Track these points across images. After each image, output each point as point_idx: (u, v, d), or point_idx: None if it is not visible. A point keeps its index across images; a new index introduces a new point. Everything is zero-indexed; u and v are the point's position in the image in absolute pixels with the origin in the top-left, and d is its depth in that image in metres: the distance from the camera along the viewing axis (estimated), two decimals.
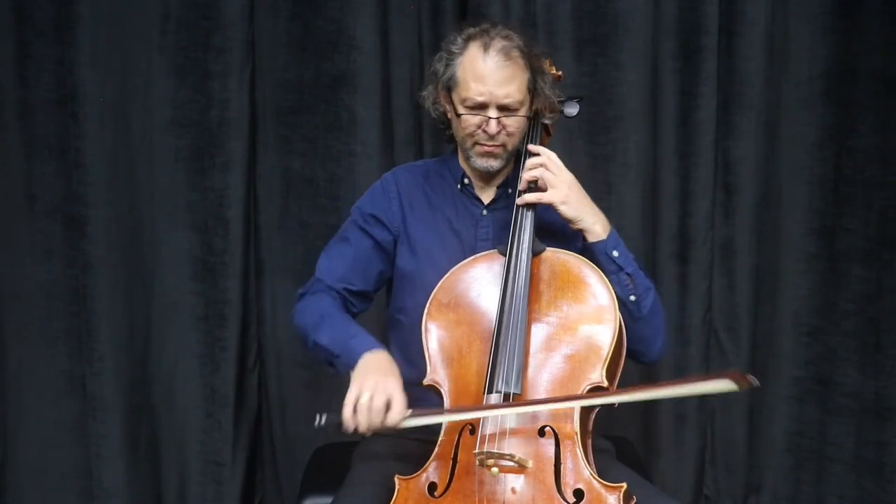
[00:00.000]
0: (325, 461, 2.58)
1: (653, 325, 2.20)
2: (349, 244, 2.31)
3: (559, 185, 2.15)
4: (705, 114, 3.01)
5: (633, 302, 2.16)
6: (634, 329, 2.15)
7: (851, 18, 2.91)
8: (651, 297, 2.19)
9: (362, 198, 2.38)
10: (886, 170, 2.88)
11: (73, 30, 2.89)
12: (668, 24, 2.99)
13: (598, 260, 2.16)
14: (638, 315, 2.16)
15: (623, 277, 2.15)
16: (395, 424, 1.96)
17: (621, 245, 2.18)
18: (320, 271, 2.30)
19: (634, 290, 2.16)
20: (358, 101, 2.98)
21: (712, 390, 1.93)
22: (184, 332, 3.06)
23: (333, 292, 2.26)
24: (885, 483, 2.93)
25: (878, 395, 2.93)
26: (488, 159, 2.23)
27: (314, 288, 2.28)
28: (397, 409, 1.96)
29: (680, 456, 3.17)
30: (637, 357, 2.21)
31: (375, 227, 2.31)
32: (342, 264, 2.29)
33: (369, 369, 2.01)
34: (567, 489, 1.93)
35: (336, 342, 2.12)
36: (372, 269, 2.31)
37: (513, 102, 2.17)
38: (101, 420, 3.02)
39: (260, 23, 2.98)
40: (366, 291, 2.31)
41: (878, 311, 2.92)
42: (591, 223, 2.16)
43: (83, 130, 2.92)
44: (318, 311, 2.21)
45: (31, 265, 3.01)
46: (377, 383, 1.97)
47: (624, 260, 2.17)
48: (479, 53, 2.16)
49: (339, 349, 2.10)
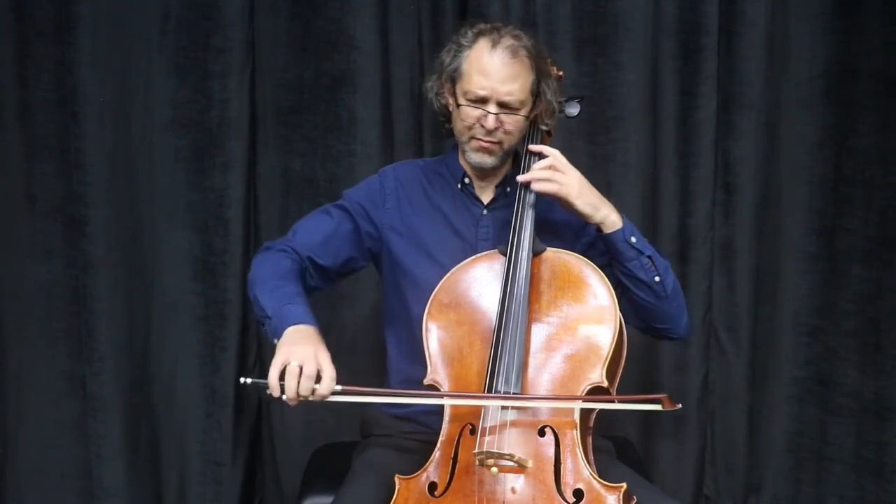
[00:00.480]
0: (325, 461, 2.59)
1: (677, 302, 2.23)
2: (331, 218, 2.32)
3: (571, 182, 2.15)
4: (705, 114, 3.01)
5: (658, 282, 2.18)
6: (662, 308, 2.19)
7: (851, 18, 2.91)
8: (671, 274, 2.22)
9: (357, 187, 2.39)
10: (886, 170, 2.88)
11: (73, 30, 2.88)
12: (668, 24, 2.98)
13: (617, 249, 2.17)
14: (664, 294, 2.19)
15: (644, 261, 2.17)
16: (324, 395, 1.94)
17: (636, 230, 2.20)
18: (294, 233, 2.31)
19: (657, 271, 2.18)
20: (358, 101, 2.97)
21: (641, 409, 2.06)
22: (184, 332, 3.06)
23: (297, 256, 2.26)
24: (885, 483, 2.93)
25: (878, 395, 2.93)
26: (483, 155, 2.23)
27: (280, 245, 2.28)
28: (327, 379, 1.94)
29: (680, 456, 3.17)
30: (668, 335, 2.26)
31: (362, 217, 2.31)
32: (317, 234, 2.30)
33: (299, 339, 2.01)
34: (567, 489, 1.94)
35: (273, 304, 2.11)
36: (343, 251, 2.31)
37: (514, 101, 2.17)
38: (101, 420, 3.02)
39: (260, 23, 2.98)
40: (328, 269, 2.31)
41: (878, 311, 2.92)
42: (606, 215, 2.17)
43: (83, 130, 2.92)
44: (273, 267, 2.21)
45: (31, 265, 3.00)
46: (307, 352, 1.95)
47: (642, 244, 2.18)
48: (487, 48, 2.17)
49: (272, 311, 2.09)
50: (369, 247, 2.33)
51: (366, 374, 2.77)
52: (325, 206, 2.36)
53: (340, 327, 3.04)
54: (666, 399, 1.95)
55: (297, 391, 1.93)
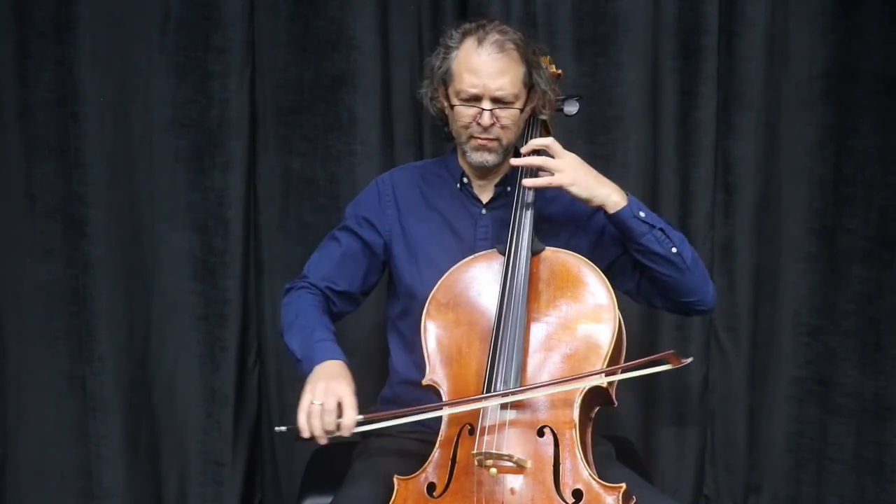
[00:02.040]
0: (325, 461, 2.58)
1: (699, 271, 2.20)
2: (338, 244, 2.34)
3: (564, 168, 2.14)
4: (705, 114, 3.01)
5: (676, 254, 2.15)
6: (685, 281, 2.16)
7: (851, 18, 2.91)
8: (688, 245, 2.19)
9: (357, 199, 2.40)
10: (886, 170, 2.87)
11: (73, 30, 2.88)
12: (668, 24, 2.98)
13: (627, 226, 2.14)
14: (684, 266, 2.16)
15: (658, 234, 2.14)
16: (349, 426, 1.99)
17: (644, 206, 2.17)
18: (307, 268, 2.35)
19: (672, 243, 2.15)
20: (358, 101, 2.97)
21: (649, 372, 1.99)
22: (184, 332, 3.06)
23: (316, 290, 2.30)
24: (885, 483, 2.93)
25: (878, 395, 2.92)
26: (483, 153, 2.23)
27: (299, 284, 2.32)
28: (348, 410, 1.98)
29: (680, 456, 3.17)
30: (698, 307, 2.23)
31: (366, 229, 2.32)
32: (328, 264, 2.33)
33: (320, 376, 2.05)
34: (566, 489, 1.94)
35: (301, 347, 2.17)
36: (358, 271, 2.33)
37: (506, 95, 2.17)
38: (101, 420, 3.02)
39: (260, 23, 2.98)
40: (349, 292, 2.34)
41: (878, 311, 2.92)
42: (606, 196, 2.14)
43: (83, 130, 2.92)
44: (295, 309, 2.26)
45: (31, 265, 3.01)
46: (326, 387, 2.01)
47: (652, 218, 2.16)
48: (473, 46, 2.17)
49: (301, 354, 2.16)
50: (382, 258, 2.35)
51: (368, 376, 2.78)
52: (332, 231, 2.39)
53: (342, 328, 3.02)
54: (673, 356, 1.92)
55: (322, 428, 1.98)
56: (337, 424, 1.99)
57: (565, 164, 2.14)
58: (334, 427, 1.99)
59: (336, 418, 1.98)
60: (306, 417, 1.99)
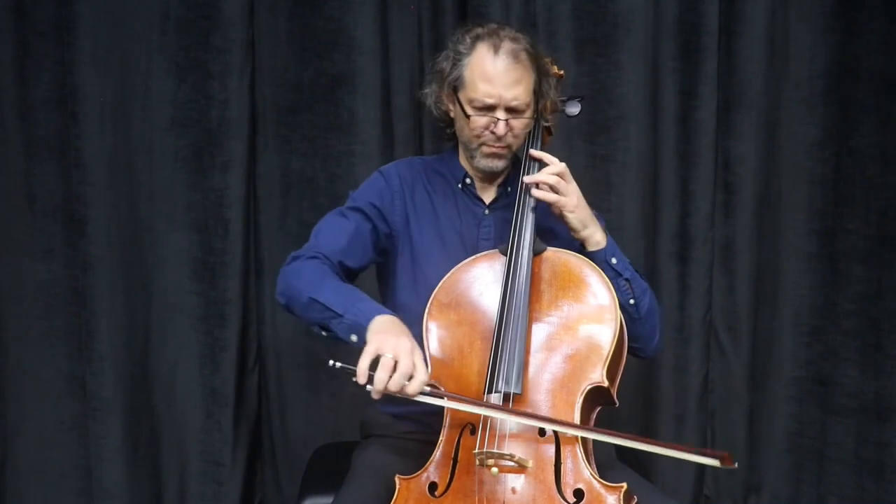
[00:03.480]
0: (325, 461, 2.58)
1: (650, 324, 2.24)
2: (349, 221, 2.24)
3: (570, 195, 2.16)
4: (705, 114, 3.01)
5: (632, 305, 2.19)
6: (633, 329, 2.19)
7: (851, 18, 2.91)
8: (647, 297, 2.23)
9: (364, 188, 2.32)
10: (886, 170, 2.88)
11: (73, 30, 2.89)
12: (668, 24, 2.99)
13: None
14: (637, 317, 2.20)
15: (622, 283, 2.18)
16: (410, 394, 1.88)
17: (618, 251, 2.21)
18: (318, 240, 2.20)
19: (632, 294, 2.19)
20: (358, 101, 2.98)
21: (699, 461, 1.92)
22: (184, 332, 3.06)
23: (329, 261, 2.16)
24: (885, 483, 2.93)
25: (878, 395, 2.93)
26: (494, 160, 2.23)
27: (310, 253, 2.16)
28: (419, 381, 1.88)
29: None
30: (636, 353, 2.25)
31: (378, 218, 2.27)
32: (341, 238, 2.21)
33: (391, 329, 1.93)
34: (567, 489, 1.93)
35: (340, 301, 2.00)
36: (367, 253, 2.25)
37: (520, 104, 2.17)
38: (101, 420, 3.02)
39: (260, 23, 2.98)
40: (354, 270, 2.24)
41: (878, 311, 2.92)
42: (593, 232, 2.18)
43: (83, 130, 2.92)
44: (317, 272, 2.11)
45: (30, 265, 3.01)
46: (403, 347, 1.88)
47: (622, 266, 2.20)
48: (489, 55, 2.16)
49: (343, 308, 1.99)
50: (385, 246, 2.30)
51: None
52: (338, 209, 2.28)
53: None
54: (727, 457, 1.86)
55: (386, 385, 1.86)
56: (402, 387, 1.87)
57: (571, 190, 2.16)
58: (398, 389, 1.86)
59: (406, 380, 1.86)
60: (369, 364, 1.84)
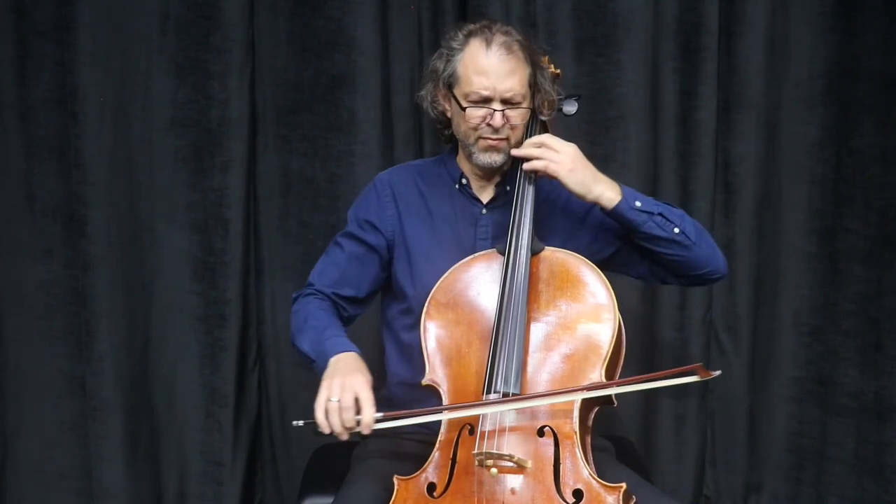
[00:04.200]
0: (325, 461, 2.58)
1: (706, 243, 2.22)
2: (341, 250, 2.33)
3: (562, 160, 2.14)
4: (705, 114, 3.01)
5: (679, 233, 2.17)
6: (695, 256, 2.18)
7: (851, 18, 2.91)
8: (689, 220, 2.20)
9: (357, 202, 2.38)
10: (886, 170, 2.88)
11: (73, 30, 2.89)
12: (668, 24, 2.99)
13: (626, 219, 2.15)
14: (689, 242, 2.17)
15: (658, 219, 2.16)
16: (369, 424, 1.96)
17: (638, 194, 2.18)
18: (312, 276, 2.34)
19: (674, 224, 2.17)
20: (358, 101, 2.98)
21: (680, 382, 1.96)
22: (184, 332, 3.07)
23: (323, 296, 2.29)
24: (885, 483, 2.93)
25: (878, 395, 2.93)
26: (492, 154, 2.22)
27: (305, 291, 2.31)
28: (367, 407, 1.96)
29: (680, 456, 3.17)
30: (711, 277, 2.24)
31: (369, 232, 2.30)
32: (334, 270, 2.31)
33: (336, 371, 2.03)
34: (566, 489, 1.93)
35: (313, 346, 2.15)
36: (365, 275, 2.31)
37: (515, 95, 2.17)
38: (101, 420, 3.02)
39: (260, 23, 2.98)
40: (357, 297, 2.32)
41: (878, 311, 2.92)
42: (601, 192, 2.15)
43: (83, 130, 2.93)
44: (304, 314, 2.24)
45: (30, 265, 3.01)
46: (343, 383, 1.98)
47: (648, 205, 2.16)
48: (482, 48, 2.16)
49: (315, 354, 2.14)
50: (386, 256, 2.33)
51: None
52: (335, 237, 2.36)
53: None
54: (700, 368, 1.91)
55: (341, 426, 1.97)
56: (356, 421, 1.97)
57: (560, 156, 2.15)
58: (354, 424, 1.96)
59: (355, 415, 1.97)
60: (324, 415, 1.97)
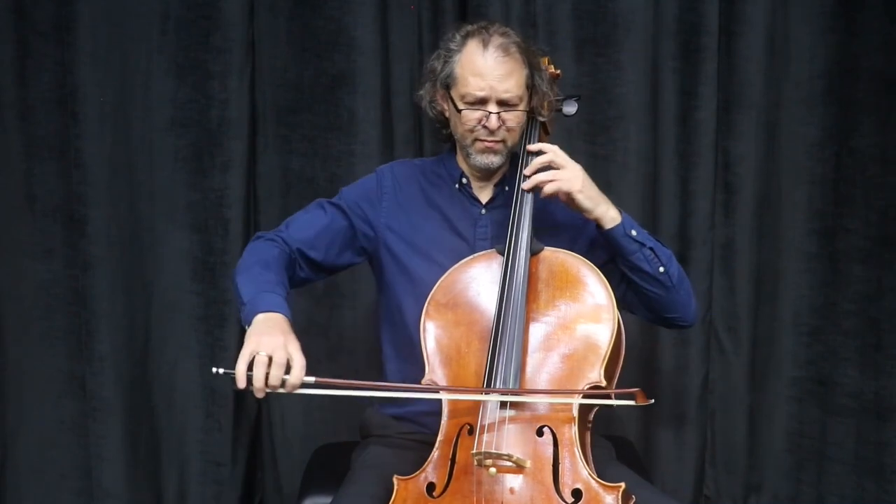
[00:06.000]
0: (325, 461, 2.58)
1: (684, 289, 2.23)
2: (324, 213, 2.29)
3: (572, 177, 2.15)
4: (705, 114, 3.01)
5: (663, 273, 2.19)
6: (670, 298, 2.20)
7: (851, 18, 2.91)
8: (675, 263, 2.22)
9: (354, 185, 2.36)
10: (886, 170, 2.88)
11: (73, 30, 2.89)
12: (668, 24, 2.98)
13: (618, 244, 2.17)
14: (670, 284, 2.20)
15: (647, 252, 2.17)
16: (294, 385, 1.91)
17: (636, 224, 2.20)
18: (287, 225, 2.29)
19: (660, 262, 2.18)
20: (358, 101, 2.98)
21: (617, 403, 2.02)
22: (184, 332, 3.06)
23: (287, 247, 2.23)
24: (885, 483, 2.93)
25: (878, 395, 2.92)
26: (488, 155, 2.23)
27: (271, 235, 2.26)
28: (297, 368, 1.91)
29: (680, 456, 3.17)
30: (678, 323, 2.27)
31: (358, 217, 2.30)
32: (310, 229, 2.27)
33: (267, 328, 1.97)
34: (565, 489, 1.93)
35: (251, 291, 2.07)
36: (334, 247, 2.28)
37: (512, 97, 2.17)
38: (101, 420, 3.02)
39: (260, 23, 2.98)
40: (319, 262, 2.28)
41: (878, 311, 2.92)
42: (605, 211, 2.17)
43: (83, 130, 2.92)
44: (259, 256, 2.18)
45: (30, 265, 3.01)
46: (276, 342, 1.92)
47: (643, 236, 2.19)
48: (479, 49, 2.16)
49: (248, 298, 2.05)
50: (363, 245, 2.31)
51: (365, 374, 2.78)
52: (321, 200, 2.33)
53: (340, 327, 3.04)
54: (639, 393, 1.93)
55: (264, 381, 1.90)
56: (282, 381, 1.90)
57: (570, 173, 2.15)
58: (278, 383, 1.89)
59: (282, 373, 1.90)
60: (246, 366, 1.90)
